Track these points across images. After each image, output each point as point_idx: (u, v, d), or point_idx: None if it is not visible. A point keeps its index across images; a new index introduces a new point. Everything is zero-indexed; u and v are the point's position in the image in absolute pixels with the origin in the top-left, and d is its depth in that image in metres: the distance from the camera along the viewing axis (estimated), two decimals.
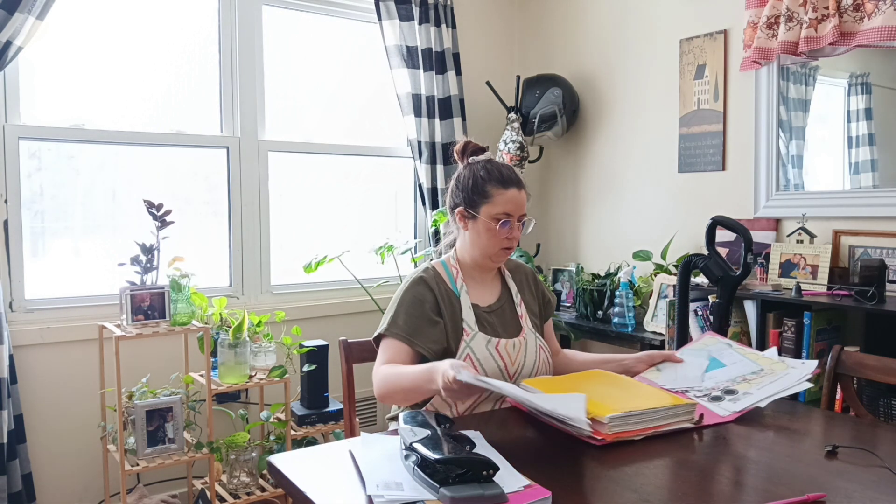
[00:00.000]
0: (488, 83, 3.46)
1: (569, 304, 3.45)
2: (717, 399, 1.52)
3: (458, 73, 3.41)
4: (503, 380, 1.68)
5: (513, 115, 3.40)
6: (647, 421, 1.36)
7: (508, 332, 1.76)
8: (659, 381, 1.63)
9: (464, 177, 1.79)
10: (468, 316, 1.72)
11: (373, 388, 1.63)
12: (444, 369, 1.37)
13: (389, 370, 1.60)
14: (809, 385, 1.50)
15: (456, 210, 1.79)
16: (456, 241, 1.85)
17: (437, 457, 1.06)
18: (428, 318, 1.68)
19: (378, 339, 1.71)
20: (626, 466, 1.20)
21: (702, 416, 1.43)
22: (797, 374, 1.54)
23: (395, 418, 1.78)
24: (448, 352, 1.69)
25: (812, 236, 2.51)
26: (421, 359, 1.67)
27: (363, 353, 1.95)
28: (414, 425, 1.22)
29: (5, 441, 2.35)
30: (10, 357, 2.41)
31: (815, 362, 1.57)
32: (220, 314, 2.64)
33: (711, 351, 1.71)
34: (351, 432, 1.84)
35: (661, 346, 2.79)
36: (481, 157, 1.81)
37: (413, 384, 1.51)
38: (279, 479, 1.21)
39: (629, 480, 1.14)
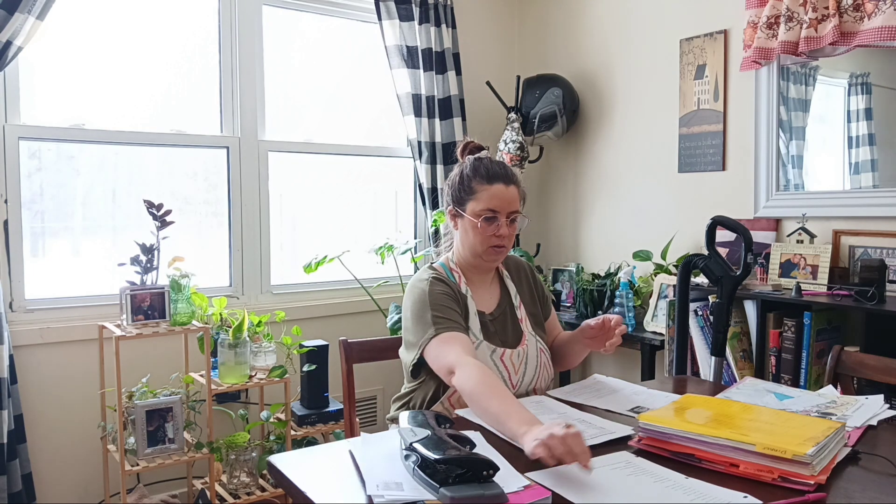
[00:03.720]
0: (488, 83, 3.46)
1: (569, 304, 3.45)
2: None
3: (458, 73, 3.41)
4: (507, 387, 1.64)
5: (513, 115, 3.40)
6: (830, 451, 1.19)
7: (511, 340, 1.73)
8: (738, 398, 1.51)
9: (453, 174, 1.76)
10: (474, 323, 1.68)
11: (456, 385, 1.49)
12: (545, 430, 1.16)
13: (484, 379, 1.41)
14: (893, 412, 1.47)
15: (447, 209, 1.77)
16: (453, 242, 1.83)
17: (437, 457, 1.06)
18: (456, 309, 1.66)
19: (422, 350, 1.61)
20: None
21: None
22: (874, 402, 1.51)
23: (395, 419, 1.77)
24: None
25: (812, 236, 2.51)
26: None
27: (363, 353, 1.95)
28: (414, 425, 1.22)
29: (5, 441, 2.35)
30: (10, 357, 2.41)
31: (880, 396, 1.55)
32: (220, 314, 2.64)
33: (767, 388, 1.65)
34: (351, 432, 1.84)
35: (661, 346, 2.79)
36: (476, 155, 1.76)
37: (498, 420, 1.33)
38: (279, 479, 1.21)
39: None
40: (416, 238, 3.56)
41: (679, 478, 1.14)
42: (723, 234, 2.71)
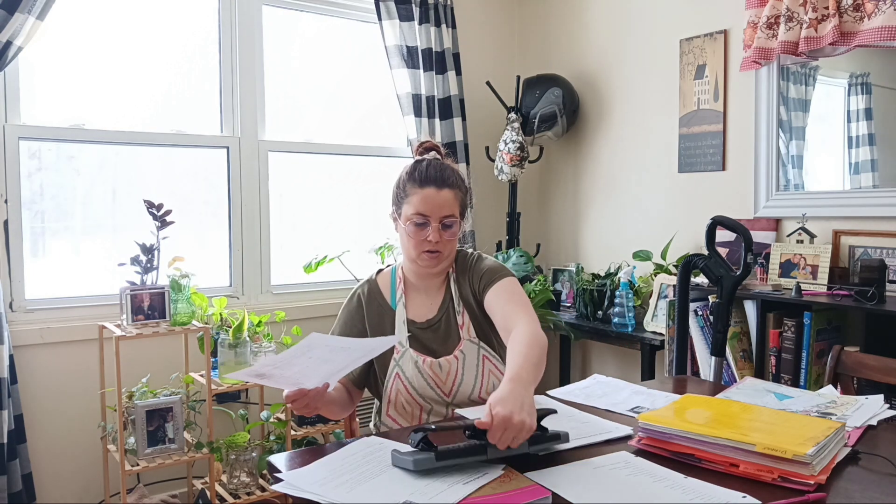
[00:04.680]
0: (488, 83, 3.46)
1: (569, 304, 3.45)
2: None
3: (458, 73, 3.41)
4: (440, 398, 1.62)
5: (513, 115, 3.40)
6: (829, 451, 1.18)
7: (445, 348, 1.65)
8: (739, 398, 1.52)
9: (397, 177, 1.71)
10: (401, 332, 1.65)
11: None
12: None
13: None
14: (893, 412, 1.47)
15: (389, 212, 1.74)
16: None
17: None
18: (356, 329, 1.69)
19: None
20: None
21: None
22: (874, 402, 1.51)
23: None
24: (371, 372, 1.69)
25: (812, 236, 2.51)
26: (350, 376, 1.66)
27: None
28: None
29: (5, 441, 2.35)
30: (10, 357, 2.41)
31: (880, 396, 1.55)
32: (221, 314, 2.64)
33: (767, 388, 1.65)
34: (351, 432, 1.84)
35: (661, 346, 2.79)
36: (418, 157, 1.70)
37: None
38: (279, 478, 1.21)
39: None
40: None
41: (678, 477, 1.14)
42: (723, 234, 2.71)
